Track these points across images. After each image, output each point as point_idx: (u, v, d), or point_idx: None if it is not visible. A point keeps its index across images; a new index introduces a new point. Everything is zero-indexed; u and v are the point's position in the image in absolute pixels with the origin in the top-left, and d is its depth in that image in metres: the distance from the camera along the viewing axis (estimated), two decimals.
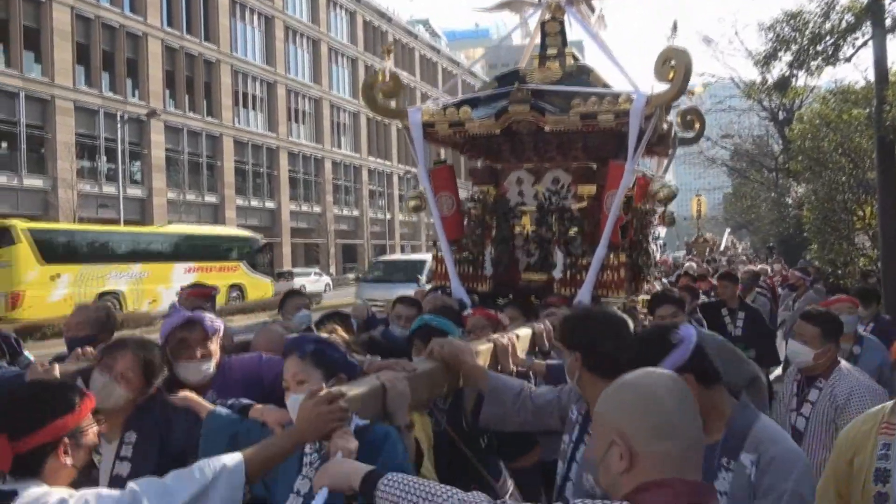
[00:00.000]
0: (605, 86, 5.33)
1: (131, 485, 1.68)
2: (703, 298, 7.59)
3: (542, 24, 5.73)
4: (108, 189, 33.08)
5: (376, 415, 2.15)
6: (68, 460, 1.78)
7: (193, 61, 38.44)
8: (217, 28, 39.67)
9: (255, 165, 42.60)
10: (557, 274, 5.35)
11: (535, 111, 5.07)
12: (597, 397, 1.54)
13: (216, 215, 39.07)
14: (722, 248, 26.27)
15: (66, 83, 31.52)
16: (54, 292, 20.71)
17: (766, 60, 11.83)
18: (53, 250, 21.22)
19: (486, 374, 2.70)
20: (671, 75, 4.69)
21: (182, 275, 23.57)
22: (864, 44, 10.37)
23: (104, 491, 1.70)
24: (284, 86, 45.13)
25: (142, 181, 35.44)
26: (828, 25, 10.35)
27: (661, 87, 4.83)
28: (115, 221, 31.63)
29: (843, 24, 10.20)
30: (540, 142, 5.57)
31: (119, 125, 32.58)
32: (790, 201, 23.30)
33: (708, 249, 22.76)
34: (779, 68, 12.06)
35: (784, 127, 22.85)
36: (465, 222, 5.81)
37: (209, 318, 2.84)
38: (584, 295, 5.10)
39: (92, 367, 2.43)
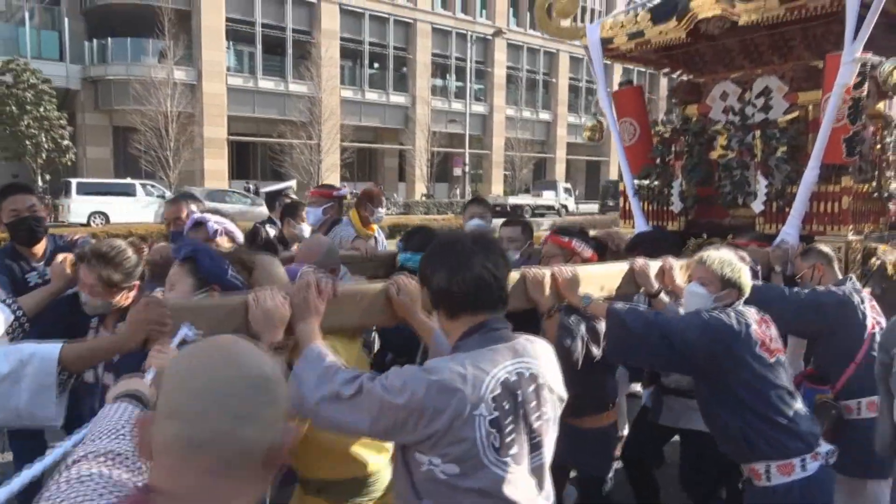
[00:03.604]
0: None
1: None
2: None
3: None
4: (456, 105, 36.15)
5: (236, 332, 1.99)
6: None
7: None
8: None
9: (589, 82, 42.14)
10: (757, 207, 4.36)
11: (723, 2, 4.05)
12: None
13: (548, 132, 40.04)
14: None
15: (426, 6, 34.73)
16: None
17: None
18: None
19: (430, 333, 2.17)
20: None
21: None
22: None
23: None
24: None
25: (484, 98, 37.82)
26: None
27: None
28: (461, 136, 34.67)
29: None
30: (749, 43, 4.48)
31: (468, 45, 35.03)
32: None
33: None
34: None
35: None
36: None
37: (214, 220, 2.98)
38: (788, 232, 4.09)
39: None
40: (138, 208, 21.94)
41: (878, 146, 4.29)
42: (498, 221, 4.83)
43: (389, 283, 2.25)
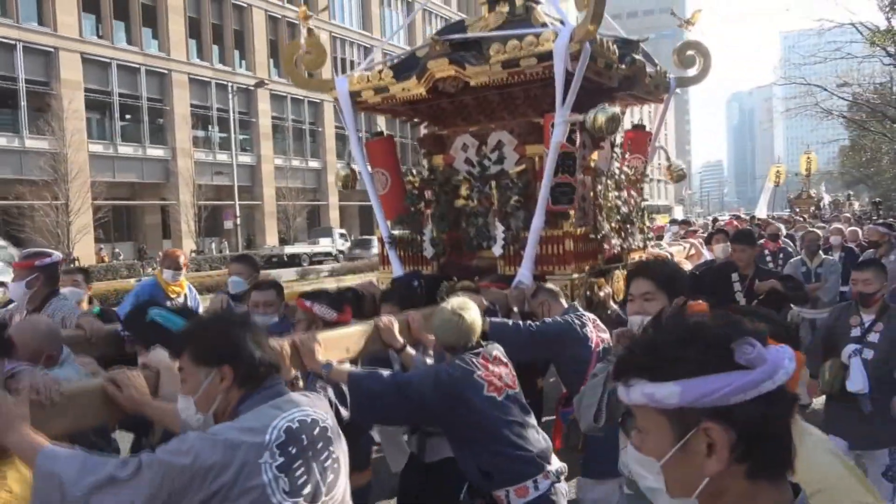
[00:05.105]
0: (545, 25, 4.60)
1: None
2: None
3: None
4: (222, 157, 34.90)
5: None
6: None
7: (295, 30, 39.33)
8: None
9: (357, 130, 43.17)
10: (497, 251, 4.76)
11: (455, 65, 4.45)
12: None
13: (318, 180, 40.21)
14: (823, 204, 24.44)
15: (181, 57, 33.28)
16: None
17: (893, 5, 10.34)
18: None
19: (172, 416, 2.07)
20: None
21: None
22: None
23: None
24: (381, 50, 45.01)
25: (251, 149, 37.00)
26: None
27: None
28: (230, 188, 33.42)
29: None
30: (483, 100, 4.94)
31: (230, 95, 34.12)
32: None
33: (813, 206, 20.83)
34: None
35: None
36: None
37: None
38: (524, 273, 4.49)
39: None
40: None
41: (593, 193, 4.91)
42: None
43: (106, 381, 2.11)
